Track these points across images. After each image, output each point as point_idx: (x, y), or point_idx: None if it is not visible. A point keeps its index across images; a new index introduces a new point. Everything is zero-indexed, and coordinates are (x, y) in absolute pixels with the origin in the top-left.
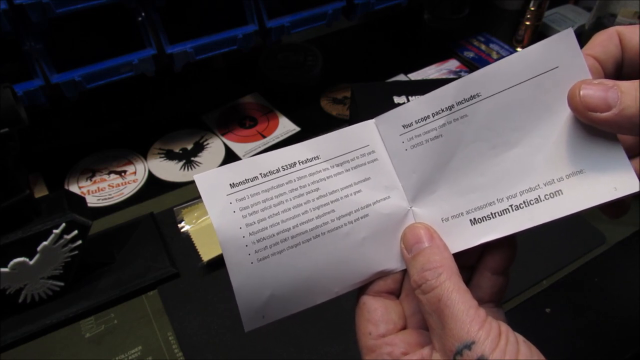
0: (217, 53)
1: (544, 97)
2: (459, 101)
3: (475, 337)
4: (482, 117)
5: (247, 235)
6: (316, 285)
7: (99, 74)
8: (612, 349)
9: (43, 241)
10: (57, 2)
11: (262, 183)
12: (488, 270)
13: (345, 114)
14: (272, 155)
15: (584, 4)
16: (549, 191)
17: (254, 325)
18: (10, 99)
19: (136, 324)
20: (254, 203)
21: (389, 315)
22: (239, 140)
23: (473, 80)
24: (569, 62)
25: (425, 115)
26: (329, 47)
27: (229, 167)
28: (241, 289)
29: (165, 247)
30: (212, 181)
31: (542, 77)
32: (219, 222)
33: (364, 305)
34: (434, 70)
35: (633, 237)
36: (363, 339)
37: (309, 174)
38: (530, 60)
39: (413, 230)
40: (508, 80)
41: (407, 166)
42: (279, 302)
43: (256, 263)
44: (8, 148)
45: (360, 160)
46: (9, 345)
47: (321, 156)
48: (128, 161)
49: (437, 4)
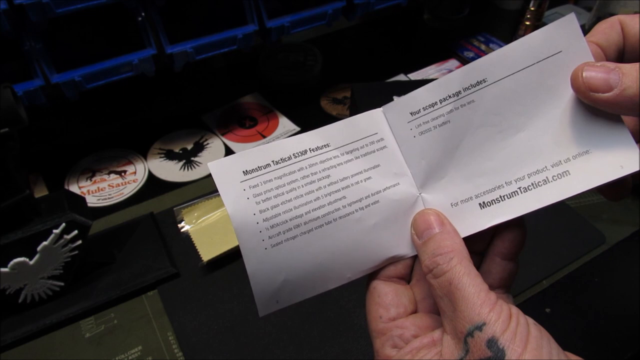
0: (217, 53)
1: (549, 80)
2: (466, 87)
3: (486, 318)
4: (489, 102)
5: (261, 222)
6: (329, 270)
7: (99, 74)
8: (612, 349)
9: (43, 241)
10: (57, 2)
11: (275, 170)
12: (498, 256)
13: (345, 114)
14: (283, 143)
15: (584, 4)
16: (556, 172)
17: (268, 310)
18: (10, 99)
19: (136, 324)
20: (266, 190)
21: (399, 299)
22: (239, 140)
23: (479, 66)
24: (572, 46)
25: (433, 102)
26: (329, 47)
27: (242, 155)
28: (255, 274)
29: (165, 247)
30: (225, 168)
31: (546, 61)
32: (233, 209)
33: (375, 290)
34: (434, 70)
35: (633, 237)
36: (373, 322)
37: (320, 161)
38: (534, 45)
39: (423, 216)
40: (513, 65)
41: (416, 153)
42: (292, 287)
43: (270, 249)
44: (8, 148)
45: (370, 148)
46: (9, 345)
47: (331, 144)
48: (128, 161)
49: (437, 4)
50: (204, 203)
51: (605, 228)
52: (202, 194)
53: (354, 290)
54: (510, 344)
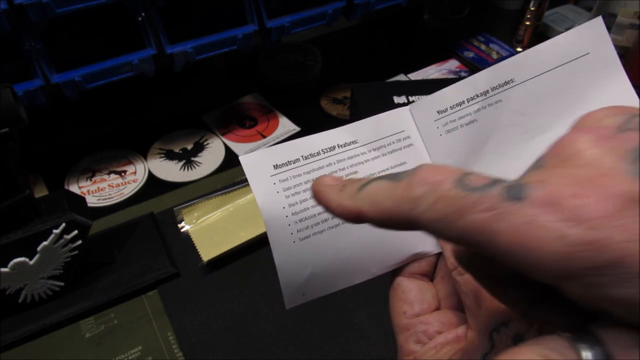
0: (217, 53)
1: (576, 82)
2: (494, 87)
3: (512, 315)
4: (516, 102)
5: (290, 215)
6: (355, 265)
7: (99, 74)
8: None
9: (43, 241)
10: (57, 2)
11: (304, 165)
12: None
13: (345, 114)
14: (312, 139)
15: (584, 4)
16: None
17: (294, 302)
18: (10, 99)
19: (136, 324)
20: (296, 184)
21: (423, 296)
22: (239, 140)
23: (507, 66)
24: (600, 49)
25: (460, 101)
26: (329, 47)
27: (272, 149)
28: (283, 266)
29: (165, 247)
30: (256, 162)
31: (573, 63)
32: (263, 202)
33: (399, 286)
34: (434, 70)
35: None
36: (397, 318)
37: (348, 157)
38: (561, 47)
39: None
40: (541, 66)
41: (442, 151)
42: (319, 280)
43: (298, 242)
44: (8, 148)
45: (396, 145)
46: (9, 345)
47: (359, 140)
48: (128, 161)
49: (437, 4)
50: (204, 203)
51: None
52: (202, 194)
53: (355, 291)
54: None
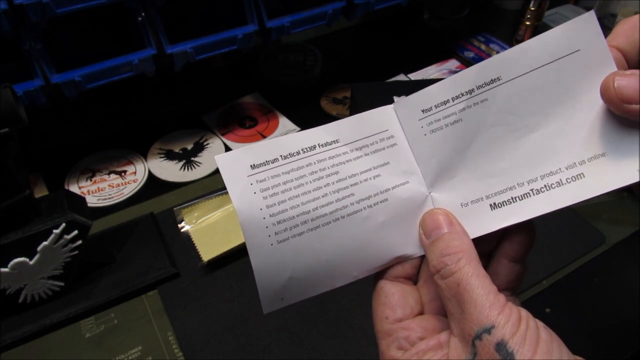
0: (217, 53)
1: (565, 80)
2: (479, 85)
3: (495, 321)
4: (503, 101)
5: (268, 217)
6: (335, 268)
7: (99, 74)
8: (612, 349)
9: (43, 241)
10: (57, 2)
11: (283, 165)
12: (505, 258)
13: (345, 114)
14: (292, 138)
15: (584, 4)
16: (570, 174)
17: (272, 307)
18: (10, 99)
19: (136, 324)
20: (274, 185)
21: (406, 300)
22: (239, 140)
23: (493, 64)
24: (591, 45)
25: (445, 100)
26: (329, 47)
27: (249, 148)
28: (261, 270)
29: (165, 247)
30: (233, 162)
31: (563, 60)
32: (240, 203)
33: (382, 290)
34: (434, 70)
35: (633, 237)
36: (380, 323)
37: (329, 157)
38: (551, 43)
39: (432, 215)
40: (529, 63)
41: (426, 151)
42: (298, 284)
43: (276, 244)
44: (8, 148)
45: (379, 145)
46: (9, 345)
47: (340, 140)
48: (128, 161)
49: (437, 4)
50: (204, 203)
51: (605, 228)
52: (202, 194)
53: (354, 291)
54: (520, 347)
